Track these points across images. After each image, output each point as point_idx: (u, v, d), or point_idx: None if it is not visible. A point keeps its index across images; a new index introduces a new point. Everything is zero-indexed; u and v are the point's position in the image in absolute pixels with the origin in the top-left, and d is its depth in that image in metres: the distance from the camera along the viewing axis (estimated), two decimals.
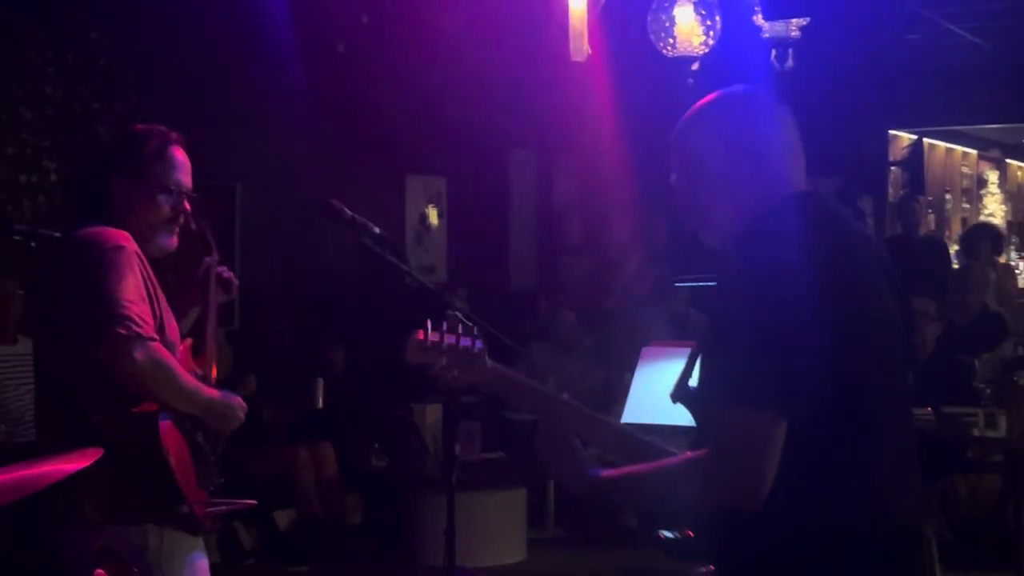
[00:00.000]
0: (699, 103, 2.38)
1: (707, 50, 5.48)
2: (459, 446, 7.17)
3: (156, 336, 2.91)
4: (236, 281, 3.52)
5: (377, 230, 3.35)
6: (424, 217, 9.68)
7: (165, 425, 2.90)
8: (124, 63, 6.98)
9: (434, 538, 6.48)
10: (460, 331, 2.49)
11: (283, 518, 7.23)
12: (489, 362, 2.51)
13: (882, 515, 2.17)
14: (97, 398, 2.91)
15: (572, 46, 5.73)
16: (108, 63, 6.90)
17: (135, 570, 2.02)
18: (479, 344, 2.51)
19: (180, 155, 3.20)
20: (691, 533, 2.35)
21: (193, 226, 3.25)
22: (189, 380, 3.01)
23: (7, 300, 5.78)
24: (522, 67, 8.74)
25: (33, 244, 3.93)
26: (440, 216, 9.80)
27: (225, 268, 3.49)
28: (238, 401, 3.17)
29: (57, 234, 3.91)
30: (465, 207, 9.86)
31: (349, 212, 3.34)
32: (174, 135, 3.21)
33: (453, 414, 6.51)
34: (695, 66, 5.52)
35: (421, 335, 2.45)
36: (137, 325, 2.84)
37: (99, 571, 1.97)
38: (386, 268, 3.48)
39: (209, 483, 3.07)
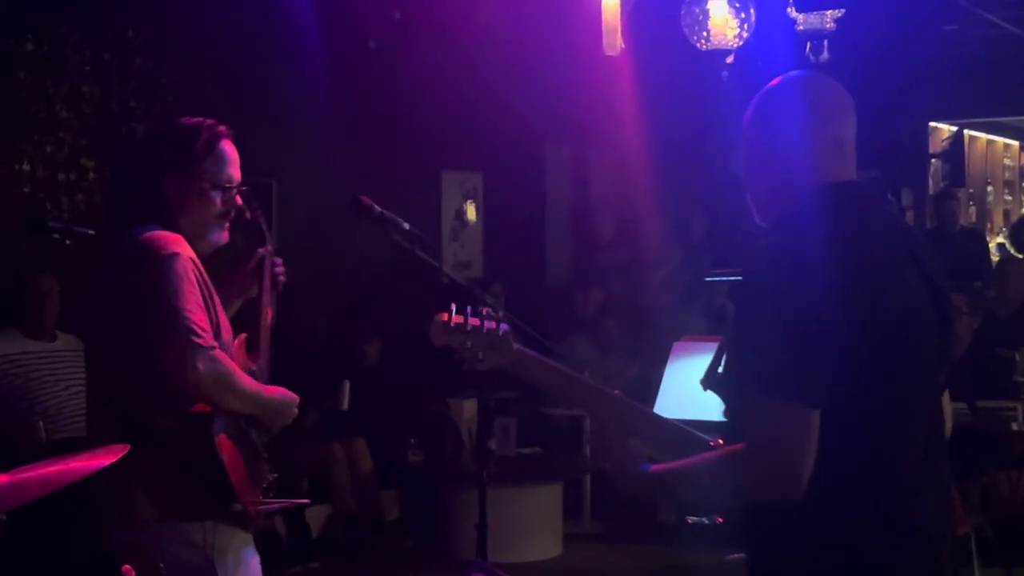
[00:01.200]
0: (772, 82, 2.42)
1: (741, 43, 5.44)
2: (495, 441, 7.19)
3: (215, 344, 2.91)
4: (283, 277, 3.48)
5: (407, 226, 3.32)
6: (460, 213, 9.69)
7: (219, 425, 2.92)
8: (160, 62, 7.03)
9: (470, 533, 6.52)
10: (485, 314, 2.54)
11: (319, 515, 7.26)
12: (515, 345, 2.55)
13: (900, 513, 2.16)
14: (155, 398, 2.91)
15: (605, 41, 5.71)
16: (144, 62, 6.96)
17: (161, 567, 2.03)
18: (504, 327, 2.55)
19: (230, 149, 3.16)
20: (720, 520, 2.36)
21: (248, 215, 3.24)
22: (247, 383, 3.00)
23: (45, 296, 5.83)
24: (556, 62, 8.72)
25: (68, 242, 3.98)
26: (476, 212, 9.81)
27: (279, 260, 3.46)
28: (292, 397, 3.17)
29: (92, 231, 3.95)
30: (501, 202, 9.85)
31: (378, 208, 3.32)
32: (223, 128, 3.16)
33: (489, 409, 6.51)
34: (729, 59, 5.48)
35: (445, 316, 2.52)
36: (198, 335, 2.84)
37: (127, 567, 1.98)
38: (419, 264, 3.47)
39: (262, 480, 3.09)
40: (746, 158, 2.41)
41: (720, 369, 2.40)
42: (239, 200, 3.18)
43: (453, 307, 2.53)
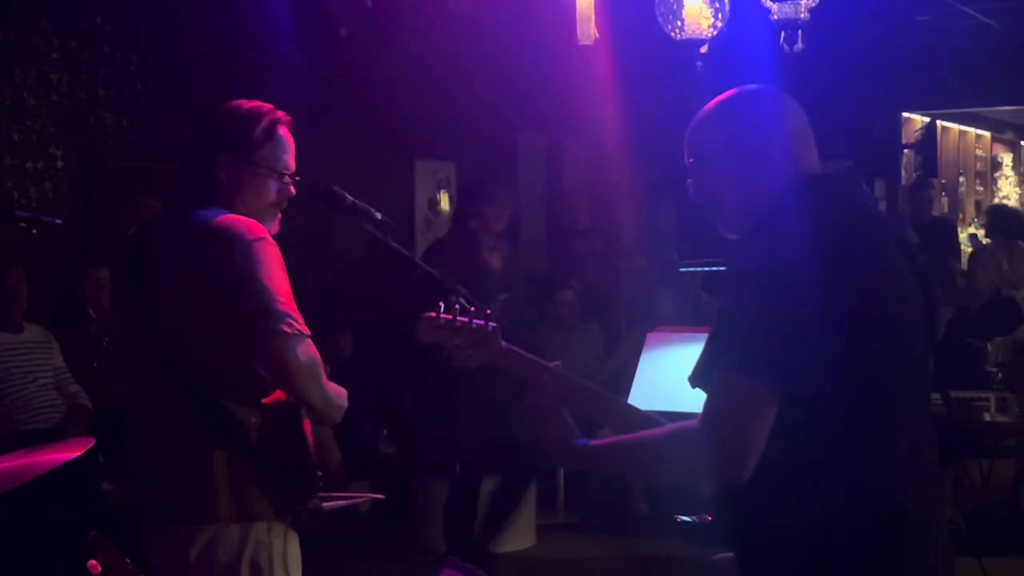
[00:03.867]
0: (706, 106, 2.43)
1: (715, 33, 5.42)
2: None
3: (309, 332, 2.82)
4: None
5: (379, 216, 3.27)
6: (434, 202, 9.65)
7: (305, 415, 2.85)
8: (130, 50, 6.96)
9: (442, 525, 6.51)
10: (472, 312, 2.59)
11: None
12: (502, 343, 2.59)
13: (891, 501, 2.16)
14: (236, 389, 2.81)
15: (579, 30, 5.68)
16: (113, 50, 6.88)
17: (129, 563, 1.98)
18: (491, 324, 2.59)
19: (288, 136, 3.08)
20: (709, 518, 2.36)
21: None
22: (326, 379, 2.91)
23: (14, 287, 5.77)
24: (529, 51, 8.70)
25: (35, 231, 3.91)
26: (450, 201, 9.77)
27: None
28: (345, 393, 3.06)
29: (59, 220, 3.88)
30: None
31: (350, 198, 3.27)
32: (282, 114, 3.08)
33: None
34: (703, 49, 5.47)
35: (433, 315, 2.55)
36: (297, 322, 2.77)
37: (92, 562, 1.93)
38: (391, 254, 3.43)
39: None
40: (707, 173, 2.40)
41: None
42: (293, 190, 3.10)
43: (442, 305, 2.56)
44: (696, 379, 2.20)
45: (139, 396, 2.93)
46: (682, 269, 7.96)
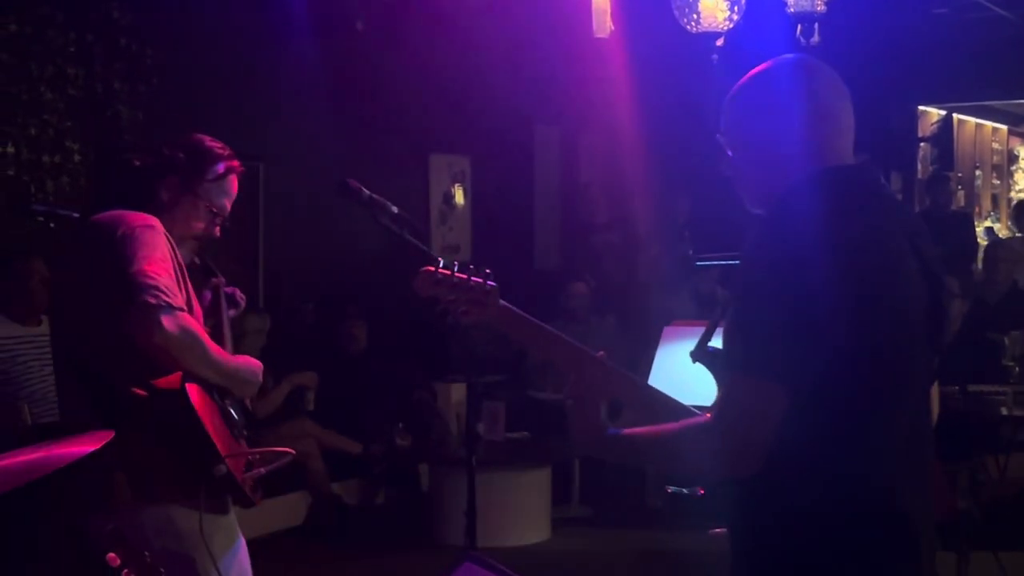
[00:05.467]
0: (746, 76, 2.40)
1: (731, 26, 5.41)
2: (483, 426, 7.17)
3: (184, 307, 2.87)
4: (242, 298, 3.54)
5: (395, 209, 3.29)
6: (448, 196, 9.65)
7: (192, 388, 2.86)
8: (146, 44, 6.98)
9: (458, 518, 6.51)
10: (472, 269, 2.57)
11: (299, 502, 7.24)
12: (500, 302, 2.56)
13: (889, 500, 2.16)
14: (125, 372, 2.86)
15: (595, 23, 5.68)
16: (130, 43, 6.90)
17: (147, 555, 1.99)
18: (491, 283, 2.56)
19: (235, 186, 3.24)
20: (702, 492, 2.37)
21: (196, 260, 3.27)
22: (215, 348, 2.98)
23: (36, 281, 5.79)
24: (545, 44, 8.69)
25: (52, 224, 3.94)
26: (465, 195, 9.78)
27: (231, 287, 3.50)
28: (257, 365, 3.16)
29: (76, 214, 3.91)
30: (489, 185, 9.82)
31: (367, 192, 3.28)
32: (237, 164, 3.23)
33: (477, 393, 6.47)
34: (719, 42, 5.45)
35: (432, 268, 2.54)
36: (165, 295, 2.81)
37: (111, 555, 1.94)
38: (407, 248, 3.43)
39: (244, 454, 3.05)
40: (733, 147, 2.37)
41: (710, 344, 2.40)
42: (218, 232, 3.21)
43: (440, 260, 2.56)
44: (697, 355, 2.22)
45: (58, 389, 3.15)
46: (699, 264, 7.95)
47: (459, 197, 9.72)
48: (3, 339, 5.65)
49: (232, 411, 3.06)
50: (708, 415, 2.22)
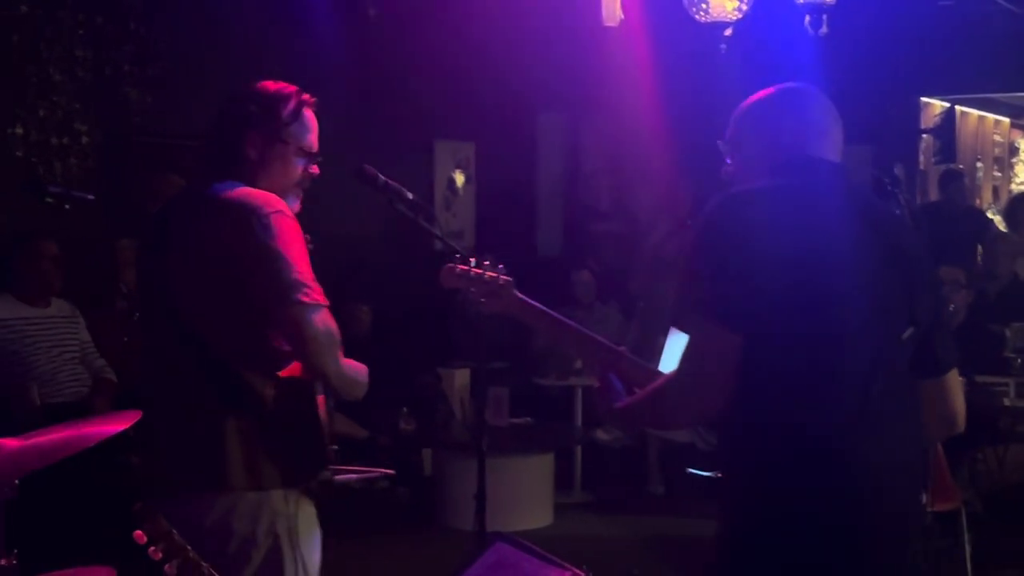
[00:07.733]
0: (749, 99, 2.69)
1: (740, 16, 5.43)
2: (488, 411, 7.19)
3: (328, 302, 2.85)
4: None
5: (410, 195, 3.34)
6: (452, 182, 9.67)
7: (319, 388, 2.89)
8: (155, 26, 6.98)
9: (462, 503, 6.53)
10: (488, 265, 3.06)
11: None
12: (516, 293, 3.04)
13: (826, 449, 2.31)
14: (253, 361, 2.83)
15: (604, 11, 5.70)
16: (139, 26, 6.90)
17: (175, 533, 2.01)
18: (504, 277, 3.05)
19: (313, 118, 3.15)
20: (720, 475, 2.50)
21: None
22: (342, 354, 2.93)
23: (41, 261, 5.82)
24: (551, 32, 8.69)
25: (67, 207, 3.94)
26: (468, 181, 9.79)
27: None
28: (367, 371, 3.10)
29: (91, 196, 3.91)
30: (493, 172, 9.84)
31: (383, 177, 3.33)
32: (307, 97, 3.15)
33: (481, 379, 6.49)
34: (728, 32, 5.48)
35: (453, 264, 3.08)
36: (314, 291, 2.80)
37: (138, 532, 1.96)
38: (415, 233, 3.47)
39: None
40: (746, 129, 2.63)
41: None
42: (316, 170, 3.15)
43: (459, 256, 3.05)
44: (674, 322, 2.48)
45: (157, 368, 2.97)
46: None
47: (462, 183, 9.74)
48: (13, 319, 5.69)
49: (332, 408, 3.04)
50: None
